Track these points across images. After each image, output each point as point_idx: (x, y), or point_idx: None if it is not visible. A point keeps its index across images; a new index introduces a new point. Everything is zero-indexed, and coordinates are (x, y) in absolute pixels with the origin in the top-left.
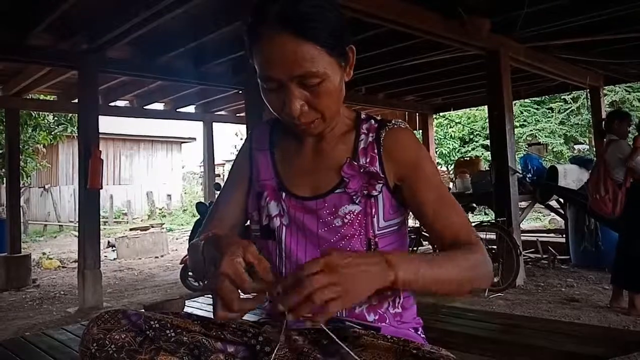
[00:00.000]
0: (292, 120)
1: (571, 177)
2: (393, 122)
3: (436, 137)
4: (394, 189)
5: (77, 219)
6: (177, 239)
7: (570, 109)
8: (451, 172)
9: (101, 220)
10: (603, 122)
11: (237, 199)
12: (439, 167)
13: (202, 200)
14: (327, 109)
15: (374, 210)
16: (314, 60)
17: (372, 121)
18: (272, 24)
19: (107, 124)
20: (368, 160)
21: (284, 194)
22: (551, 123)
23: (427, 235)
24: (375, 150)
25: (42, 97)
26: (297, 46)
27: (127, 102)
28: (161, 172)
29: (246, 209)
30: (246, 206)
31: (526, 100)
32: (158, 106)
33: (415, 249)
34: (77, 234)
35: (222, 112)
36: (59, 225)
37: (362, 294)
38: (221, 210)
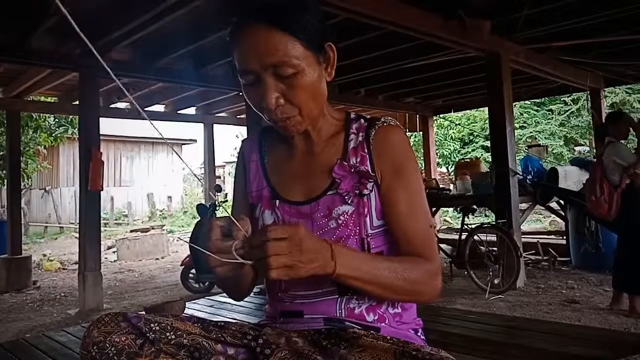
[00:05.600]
0: (270, 116)
1: (571, 178)
2: (383, 119)
3: (436, 139)
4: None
5: (77, 221)
6: (177, 240)
7: (570, 111)
8: (452, 174)
9: (102, 222)
10: (601, 125)
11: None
12: (439, 169)
13: (203, 202)
14: (304, 104)
15: (366, 209)
16: (287, 49)
17: (362, 120)
18: (249, 18)
19: (107, 125)
20: (359, 159)
21: (277, 202)
22: (551, 125)
23: None
24: (366, 150)
25: (43, 99)
26: (270, 35)
27: (128, 103)
28: (162, 174)
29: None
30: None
31: (526, 102)
32: (159, 108)
33: None
34: (77, 235)
35: (223, 114)
36: (60, 227)
37: (303, 275)
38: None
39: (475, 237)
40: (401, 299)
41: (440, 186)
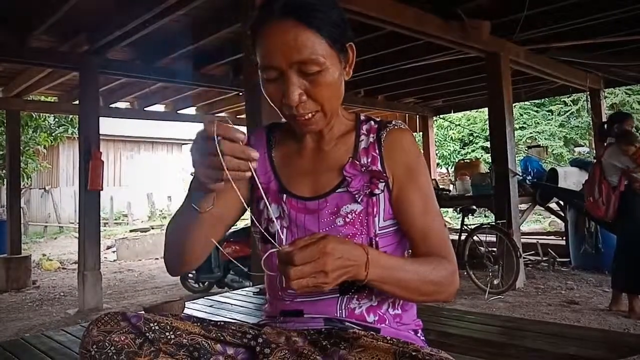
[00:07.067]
0: (291, 112)
1: (571, 179)
2: (394, 123)
3: (436, 139)
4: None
5: (77, 221)
6: None
7: (570, 112)
8: (451, 174)
9: (101, 221)
10: (604, 125)
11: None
12: (439, 169)
13: None
14: (326, 101)
15: (375, 209)
16: (314, 47)
17: (372, 122)
18: (276, 13)
19: (107, 125)
20: (369, 160)
21: (284, 196)
22: (551, 125)
23: None
24: (377, 151)
25: (43, 98)
26: (298, 32)
27: (128, 103)
28: (162, 174)
29: (241, 206)
30: (241, 203)
31: (526, 102)
32: (158, 108)
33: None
34: (77, 235)
35: (222, 114)
36: (59, 227)
37: (331, 286)
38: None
39: (475, 238)
40: (424, 299)
41: (440, 187)
